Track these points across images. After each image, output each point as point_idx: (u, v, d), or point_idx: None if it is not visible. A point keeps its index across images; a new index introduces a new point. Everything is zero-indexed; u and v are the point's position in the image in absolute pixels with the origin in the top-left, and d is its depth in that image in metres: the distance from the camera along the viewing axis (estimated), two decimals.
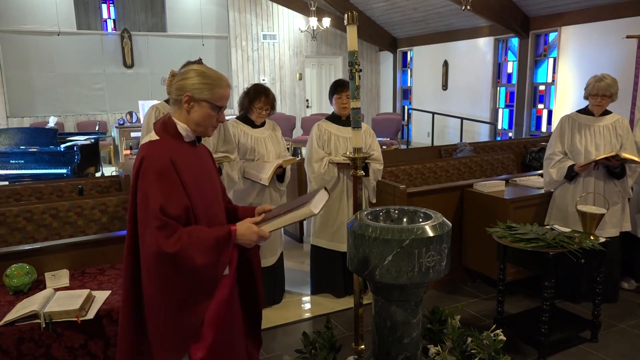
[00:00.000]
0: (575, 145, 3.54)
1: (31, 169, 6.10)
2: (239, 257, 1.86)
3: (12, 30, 9.66)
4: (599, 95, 3.44)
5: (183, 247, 1.64)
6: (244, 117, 3.54)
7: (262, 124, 3.58)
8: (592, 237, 3.01)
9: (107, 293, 2.33)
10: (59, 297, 2.24)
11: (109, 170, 8.64)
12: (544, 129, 9.30)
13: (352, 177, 2.63)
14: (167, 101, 2.92)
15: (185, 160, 1.76)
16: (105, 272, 2.62)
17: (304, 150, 4.68)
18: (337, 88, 3.65)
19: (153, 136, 1.80)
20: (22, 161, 6.11)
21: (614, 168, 3.46)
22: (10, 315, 2.10)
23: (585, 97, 3.57)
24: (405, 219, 2.38)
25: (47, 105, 10.12)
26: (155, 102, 3.00)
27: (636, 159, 3.35)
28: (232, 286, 1.85)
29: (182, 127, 1.79)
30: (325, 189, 2.00)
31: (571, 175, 3.53)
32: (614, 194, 3.53)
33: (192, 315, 1.72)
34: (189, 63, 2.81)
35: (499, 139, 9.79)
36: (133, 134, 8.90)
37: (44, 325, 2.07)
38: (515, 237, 2.98)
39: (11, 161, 6.08)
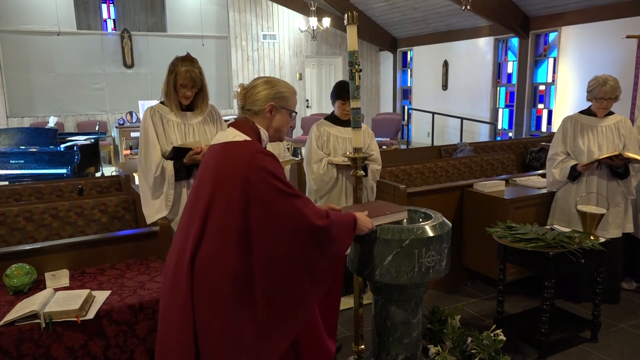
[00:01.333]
0: (578, 146, 3.54)
1: (31, 169, 6.10)
2: None
3: (12, 30, 9.66)
4: (605, 98, 3.44)
5: (330, 224, 1.80)
6: None
7: None
8: (592, 237, 3.01)
9: (107, 293, 2.32)
10: (59, 297, 2.24)
11: (109, 170, 8.65)
12: (544, 129, 9.30)
13: (352, 177, 2.63)
14: (163, 103, 2.89)
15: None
16: (105, 272, 2.62)
17: (303, 151, 4.68)
18: (343, 94, 3.57)
19: (243, 136, 1.85)
20: (22, 161, 6.11)
21: (617, 168, 3.45)
22: (10, 316, 2.10)
23: (589, 99, 3.56)
24: (405, 219, 2.38)
25: (47, 105, 10.12)
26: (155, 102, 2.98)
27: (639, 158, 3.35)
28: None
29: (264, 133, 1.93)
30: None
31: (574, 175, 3.53)
32: (617, 194, 3.53)
33: (311, 303, 1.87)
34: (176, 59, 2.82)
35: (499, 139, 9.80)
36: (133, 134, 8.90)
37: (43, 326, 2.07)
38: (515, 237, 2.98)
39: (11, 161, 6.08)
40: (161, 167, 2.77)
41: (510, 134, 9.91)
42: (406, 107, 12.76)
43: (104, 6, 10.49)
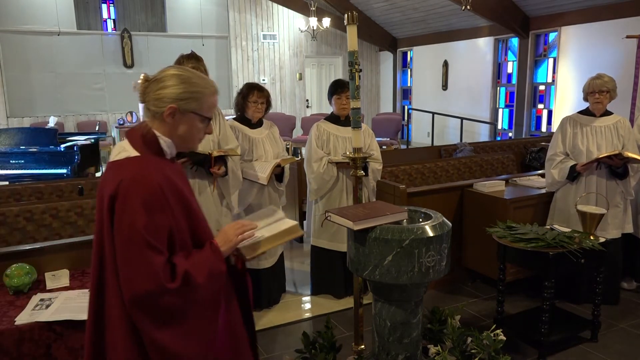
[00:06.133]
0: (577, 146, 3.54)
1: (31, 169, 6.09)
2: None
3: (12, 30, 9.66)
4: (596, 91, 3.45)
5: (187, 274, 1.43)
6: (241, 118, 3.54)
7: (260, 124, 3.57)
8: (592, 237, 3.01)
9: None
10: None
11: None
12: (543, 129, 9.30)
13: (352, 176, 2.63)
14: None
15: (173, 182, 1.49)
16: None
17: (304, 150, 4.68)
18: (337, 89, 3.64)
19: (129, 151, 1.49)
20: (22, 161, 6.10)
21: (616, 168, 3.45)
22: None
23: (585, 99, 3.58)
24: (405, 219, 2.38)
25: (47, 105, 10.12)
26: None
27: (639, 158, 3.35)
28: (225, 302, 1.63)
29: (165, 142, 1.52)
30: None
31: (573, 175, 3.53)
32: (616, 194, 3.53)
33: (202, 343, 1.50)
34: (182, 57, 2.81)
35: (499, 139, 9.80)
36: None
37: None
38: (515, 237, 2.98)
39: (11, 161, 6.08)
40: None
41: (510, 134, 9.91)
42: (406, 107, 12.76)
43: (104, 6, 10.49)
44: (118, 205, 1.40)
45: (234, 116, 3.63)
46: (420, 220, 2.32)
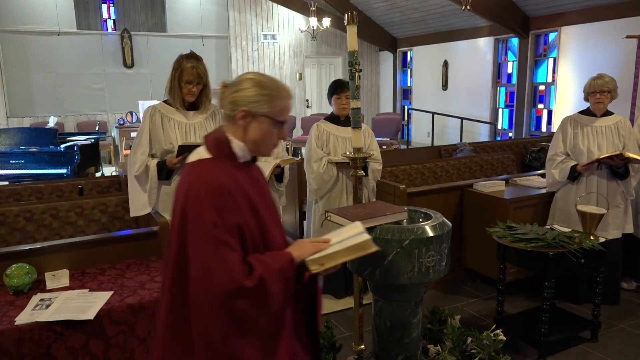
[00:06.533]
0: (578, 146, 3.54)
1: (31, 169, 6.10)
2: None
3: (12, 30, 9.66)
4: (597, 91, 3.45)
5: (262, 278, 1.42)
6: None
7: None
8: (592, 237, 3.01)
9: (109, 294, 2.32)
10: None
11: (109, 170, 8.64)
12: (544, 129, 9.30)
13: (352, 176, 2.63)
14: (166, 101, 2.90)
15: (241, 185, 1.51)
16: (105, 272, 2.62)
17: (303, 151, 4.68)
18: (337, 89, 3.64)
19: (202, 154, 1.54)
20: (22, 161, 6.10)
21: (617, 168, 3.45)
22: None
23: (585, 99, 3.57)
24: (405, 219, 2.38)
25: (47, 105, 10.12)
26: (155, 102, 2.98)
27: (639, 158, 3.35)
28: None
29: (238, 145, 1.54)
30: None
31: (574, 175, 3.53)
32: (617, 194, 3.53)
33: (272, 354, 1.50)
34: (181, 57, 2.83)
35: (499, 139, 9.80)
36: (133, 134, 8.89)
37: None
38: (515, 237, 2.98)
39: (11, 161, 6.08)
40: (145, 165, 2.81)
41: (510, 134, 9.91)
42: (406, 107, 12.76)
43: (104, 6, 10.49)
44: (189, 207, 1.44)
45: None
46: (420, 220, 2.32)
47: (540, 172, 4.42)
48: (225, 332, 1.41)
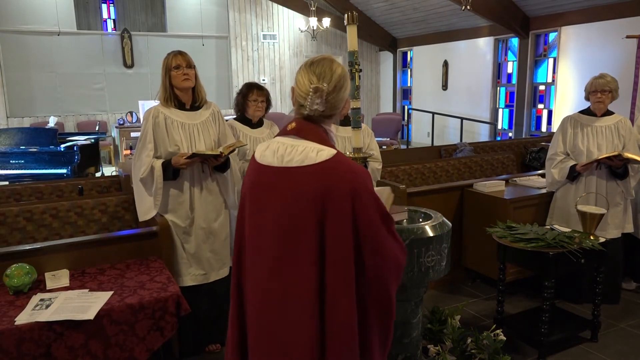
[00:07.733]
0: (577, 146, 3.54)
1: (31, 169, 6.10)
2: None
3: (12, 30, 9.67)
4: (598, 91, 3.45)
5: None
6: (242, 118, 3.53)
7: (260, 124, 3.56)
8: (592, 237, 3.01)
9: (109, 294, 2.32)
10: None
11: (109, 170, 8.64)
12: (544, 129, 9.30)
13: None
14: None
15: None
16: (105, 272, 2.62)
17: None
18: None
19: (327, 150, 1.54)
20: (22, 161, 6.10)
21: (616, 168, 3.45)
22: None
23: (586, 98, 3.57)
24: (405, 219, 2.38)
25: (47, 105, 10.12)
26: (155, 102, 2.98)
27: (639, 158, 3.35)
28: None
29: (334, 136, 1.66)
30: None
31: (573, 175, 3.53)
32: (616, 194, 3.53)
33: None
34: (177, 53, 2.86)
35: (499, 139, 9.80)
36: (133, 134, 8.90)
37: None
38: (515, 237, 2.98)
39: (11, 161, 6.08)
40: (150, 167, 2.79)
41: (510, 134, 9.91)
42: (406, 107, 12.76)
43: (104, 6, 10.50)
44: (363, 200, 1.49)
45: (234, 116, 3.63)
46: (420, 220, 2.32)
47: (540, 172, 4.42)
48: (393, 293, 1.59)
